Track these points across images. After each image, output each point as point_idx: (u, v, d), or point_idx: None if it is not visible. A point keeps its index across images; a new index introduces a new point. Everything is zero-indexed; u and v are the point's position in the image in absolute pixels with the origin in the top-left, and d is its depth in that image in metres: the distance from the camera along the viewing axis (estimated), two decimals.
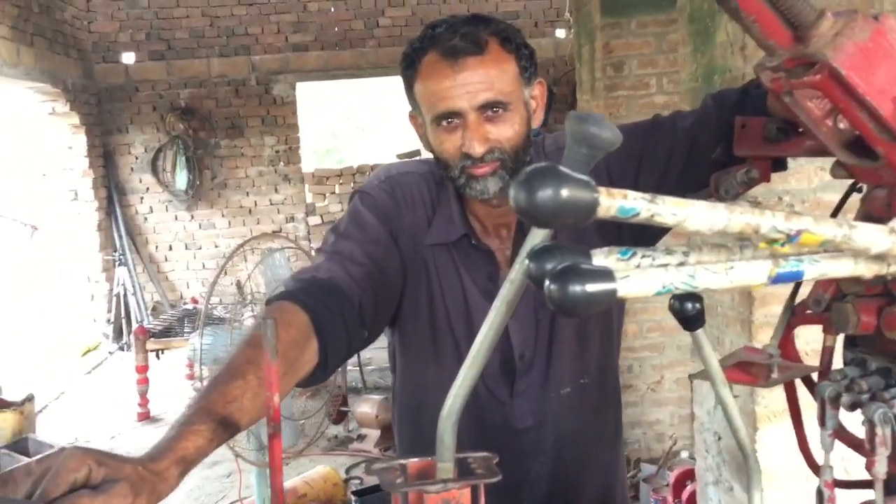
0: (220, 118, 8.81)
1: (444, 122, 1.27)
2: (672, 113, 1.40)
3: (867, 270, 0.55)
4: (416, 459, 0.83)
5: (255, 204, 8.97)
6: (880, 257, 0.54)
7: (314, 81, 9.21)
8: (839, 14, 0.70)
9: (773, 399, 2.38)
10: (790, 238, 0.47)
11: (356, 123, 18.58)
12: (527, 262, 0.51)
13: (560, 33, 8.87)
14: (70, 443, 4.77)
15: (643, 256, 0.52)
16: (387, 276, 1.33)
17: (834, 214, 0.97)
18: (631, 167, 1.33)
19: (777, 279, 0.50)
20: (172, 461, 0.85)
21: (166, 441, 0.87)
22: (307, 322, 1.14)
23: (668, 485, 3.66)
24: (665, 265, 0.51)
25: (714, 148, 1.24)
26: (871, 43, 0.68)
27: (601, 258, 0.51)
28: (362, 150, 15.39)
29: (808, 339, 1.05)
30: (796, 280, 0.51)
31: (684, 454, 4.02)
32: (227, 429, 0.92)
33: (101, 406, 6.38)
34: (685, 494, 3.44)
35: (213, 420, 0.91)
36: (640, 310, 4.22)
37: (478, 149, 1.25)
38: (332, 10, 8.84)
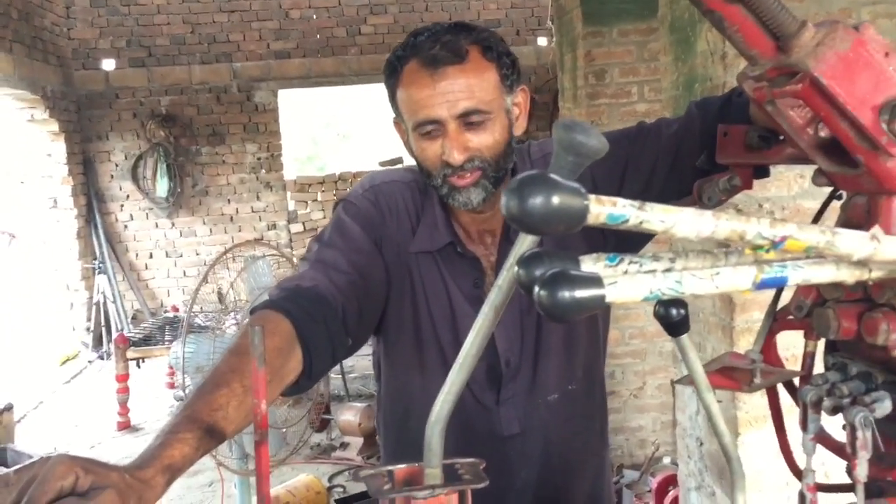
0: (202, 125, 8.78)
1: (425, 131, 1.29)
2: (657, 120, 1.41)
3: (849, 276, 0.56)
4: (403, 466, 0.83)
5: (237, 211, 8.93)
6: (862, 263, 0.55)
7: (296, 89, 9.20)
8: (820, 24, 0.71)
9: (754, 404, 2.41)
10: (775, 244, 0.48)
11: (337, 130, 18.53)
12: (516, 268, 0.52)
13: (542, 41, 8.92)
14: (49, 453, 4.72)
15: (630, 263, 0.53)
16: (371, 284, 1.34)
17: (815, 221, 0.99)
18: (616, 173, 1.34)
19: (762, 284, 0.51)
20: (159, 469, 0.85)
21: (152, 449, 0.87)
22: (290, 330, 1.15)
23: (650, 490, 3.68)
24: (652, 271, 0.52)
25: (698, 155, 1.25)
26: (852, 53, 0.69)
27: (589, 264, 0.52)
28: (344, 158, 15.35)
29: (787, 345, 1.06)
30: (781, 285, 0.52)
31: (666, 460, 4.04)
32: (213, 437, 0.93)
33: (80, 415, 6.31)
34: (668, 500, 3.46)
35: (199, 428, 0.91)
36: (623, 316, 4.24)
37: (457, 157, 1.26)
38: (315, 17, 8.85)
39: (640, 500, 3.72)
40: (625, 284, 0.49)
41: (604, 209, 0.44)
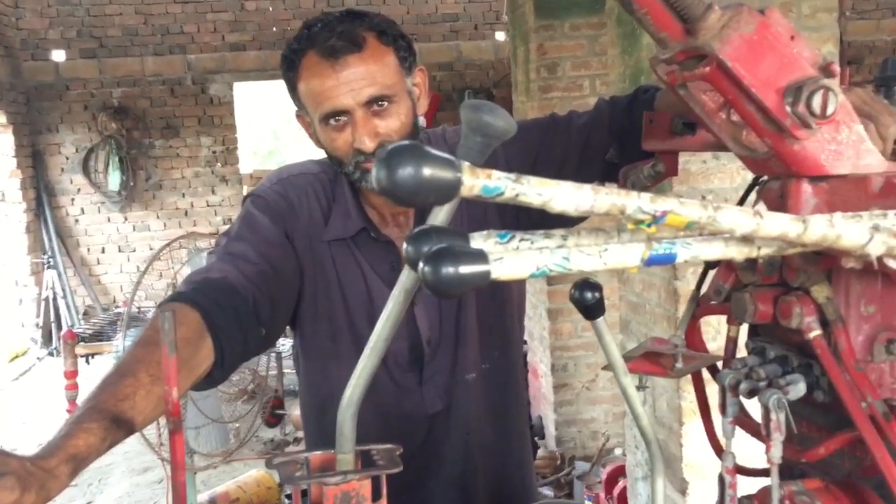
0: (155, 118, 8.64)
1: (332, 121, 1.29)
2: (568, 112, 1.44)
3: (738, 254, 0.56)
4: (319, 453, 0.82)
5: (192, 205, 8.81)
6: (748, 240, 0.55)
7: (252, 82, 9.10)
8: (726, 7, 0.71)
9: None
10: (656, 219, 0.47)
11: (297, 125, 18.40)
12: (405, 244, 0.51)
13: (500, 36, 8.93)
14: None
15: (522, 240, 0.52)
16: (282, 275, 1.33)
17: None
18: (527, 161, 1.36)
19: (650, 261, 0.51)
20: (62, 459, 0.83)
21: (57, 439, 0.86)
22: (198, 320, 1.13)
23: (600, 481, 3.71)
24: (542, 248, 0.51)
25: (607, 148, 1.31)
26: (757, 35, 0.70)
27: (479, 241, 0.51)
28: (303, 152, 15.23)
29: (722, 331, 1.07)
30: (669, 263, 0.52)
31: (618, 451, 4.07)
32: (120, 427, 0.91)
33: (28, 413, 6.19)
34: (617, 490, 3.49)
35: (105, 418, 0.90)
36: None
37: (368, 143, 1.27)
38: (271, 9, 8.75)
39: (590, 492, 3.75)
40: (511, 260, 0.48)
41: (478, 181, 0.43)
